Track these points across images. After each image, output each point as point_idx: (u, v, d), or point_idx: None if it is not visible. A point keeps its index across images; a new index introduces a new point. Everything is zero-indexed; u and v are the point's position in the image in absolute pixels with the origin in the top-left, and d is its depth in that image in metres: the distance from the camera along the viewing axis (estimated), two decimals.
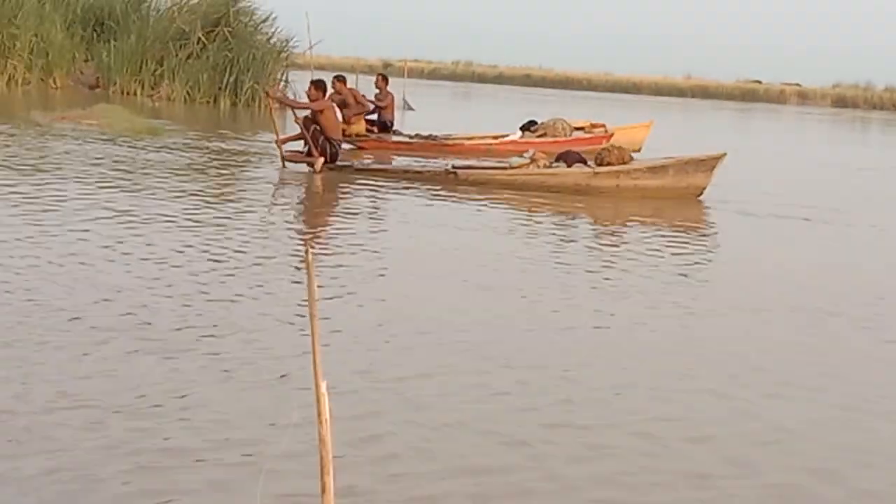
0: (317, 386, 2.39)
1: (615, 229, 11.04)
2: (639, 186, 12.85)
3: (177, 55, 27.20)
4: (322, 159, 13.29)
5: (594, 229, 11.05)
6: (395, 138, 17.86)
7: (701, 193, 12.97)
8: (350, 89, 17.96)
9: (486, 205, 11.59)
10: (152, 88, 27.36)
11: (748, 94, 69.11)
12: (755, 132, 35.82)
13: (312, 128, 13.36)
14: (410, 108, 30.16)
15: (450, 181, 12.92)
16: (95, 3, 29.41)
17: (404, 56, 48.56)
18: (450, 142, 17.48)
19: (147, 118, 19.29)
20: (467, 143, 17.50)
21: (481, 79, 75.19)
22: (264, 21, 28.45)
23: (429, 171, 13.43)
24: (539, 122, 18.04)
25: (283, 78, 28.35)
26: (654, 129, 20.43)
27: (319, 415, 2.38)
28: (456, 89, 57.62)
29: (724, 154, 13.11)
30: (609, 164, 12.93)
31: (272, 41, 28.33)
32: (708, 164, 12.98)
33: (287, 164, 13.65)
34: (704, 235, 11.08)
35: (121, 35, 28.06)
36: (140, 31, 27.67)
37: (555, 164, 13.23)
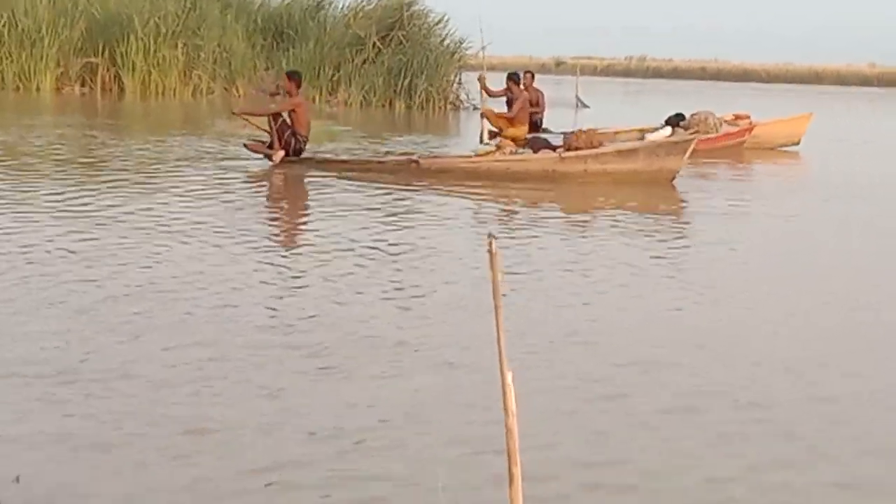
0: (503, 377, 2.41)
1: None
2: (608, 171, 12.46)
3: (353, 60, 27.78)
4: (282, 153, 13.05)
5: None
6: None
7: (674, 178, 12.59)
8: (525, 90, 17.48)
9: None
10: (330, 94, 28.02)
11: None
12: None
13: (280, 120, 13.14)
14: (585, 106, 30.10)
15: (412, 171, 12.70)
16: (274, 13, 30.27)
17: (577, 54, 48.58)
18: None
19: (325, 122, 19.78)
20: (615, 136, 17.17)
21: (656, 74, 74.33)
22: (437, 23, 28.82)
23: (391, 161, 13.30)
24: (686, 115, 17.27)
25: (457, 79, 28.63)
26: (825, 120, 19.73)
27: (506, 407, 2.41)
28: (629, 86, 57.10)
29: (695, 138, 12.76)
30: (577, 149, 12.60)
31: (445, 43, 28.68)
32: (681, 148, 12.59)
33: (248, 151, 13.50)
34: None
35: (299, 43, 28.78)
36: (317, 38, 28.33)
37: (521, 151, 13.03)
